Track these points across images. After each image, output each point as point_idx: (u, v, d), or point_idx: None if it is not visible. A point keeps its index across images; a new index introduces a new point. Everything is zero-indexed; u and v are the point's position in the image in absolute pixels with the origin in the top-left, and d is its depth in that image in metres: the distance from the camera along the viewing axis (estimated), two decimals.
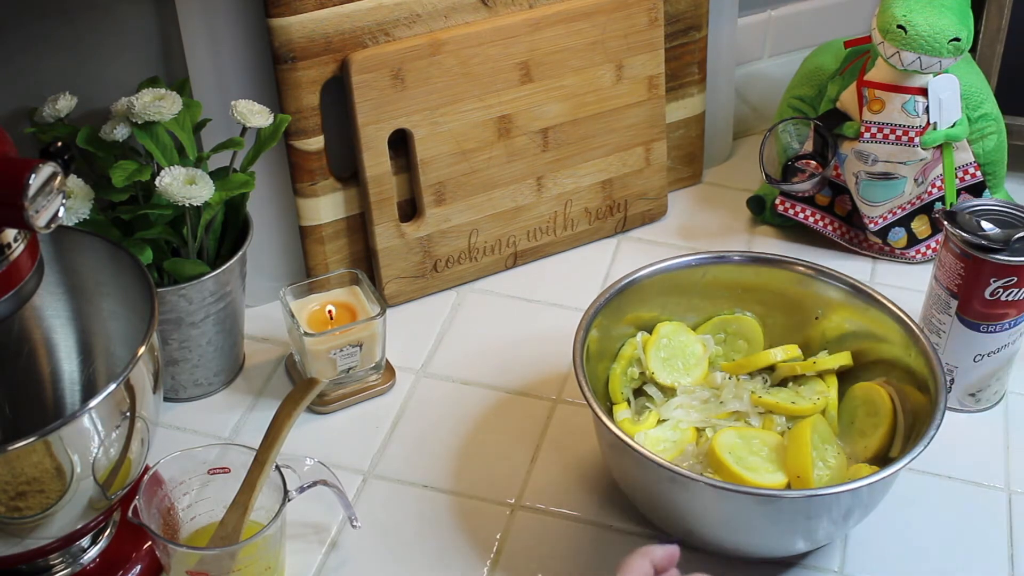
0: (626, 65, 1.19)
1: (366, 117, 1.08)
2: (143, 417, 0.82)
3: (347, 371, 1.04)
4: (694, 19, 1.24)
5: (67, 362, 0.95)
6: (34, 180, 0.69)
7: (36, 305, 0.92)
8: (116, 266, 0.88)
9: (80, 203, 0.94)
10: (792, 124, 1.22)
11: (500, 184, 1.17)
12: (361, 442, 1.03)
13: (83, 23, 1.02)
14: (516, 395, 1.08)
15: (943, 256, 1.02)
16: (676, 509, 0.89)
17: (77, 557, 0.89)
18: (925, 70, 1.11)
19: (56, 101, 0.99)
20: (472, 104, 1.13)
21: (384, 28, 1.08)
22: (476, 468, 1.01)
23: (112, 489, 0.83)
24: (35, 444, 0.74)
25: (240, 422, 1.05)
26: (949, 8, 1.09)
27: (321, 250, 1.14)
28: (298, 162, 1.09)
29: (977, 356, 1.02)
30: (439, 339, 1.14)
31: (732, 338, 1.05)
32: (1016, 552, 0.94)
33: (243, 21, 1.03)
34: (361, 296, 1.07)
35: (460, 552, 0.93)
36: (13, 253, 0.73)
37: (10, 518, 0.78)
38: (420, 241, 1.16)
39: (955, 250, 1.00)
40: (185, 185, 0.95)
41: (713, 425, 0.97)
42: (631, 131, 1.22)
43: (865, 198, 1.19)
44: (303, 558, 0.93)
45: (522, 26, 1.12)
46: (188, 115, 0.99)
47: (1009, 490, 0.99)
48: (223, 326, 1.04)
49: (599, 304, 0.98)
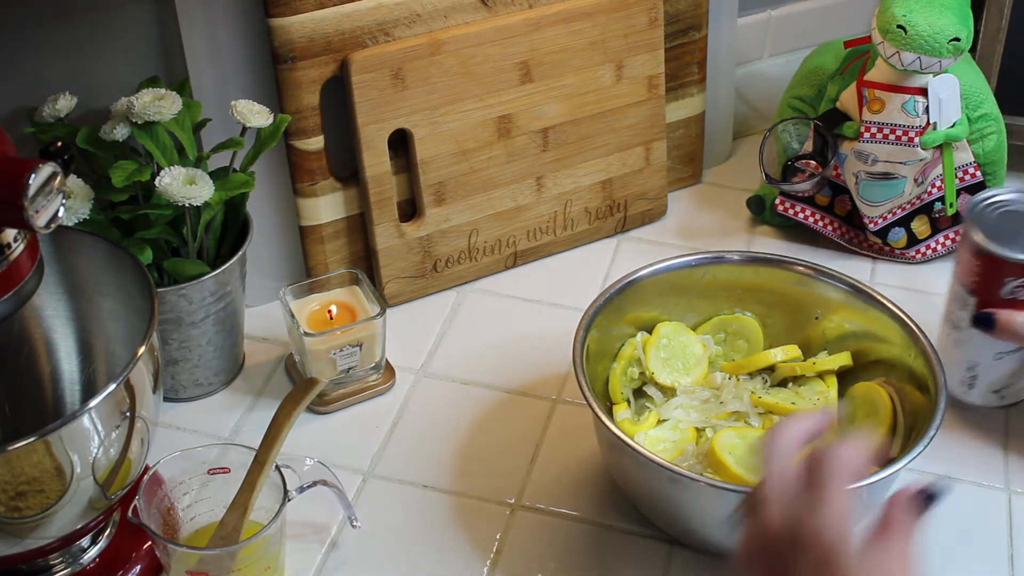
0: (626, 65, 1.19)
1: (366, 117, 1.08)
2: (143, 417, 0.82)
3: (347, 371, 1.04)
4: (694, 19, 1.24)
5: (67, 362, 0.95)
6: (34, 180, 0.69)
7: (36, 305, 0.92)
8: (116, 266, 0.88)
9: (80, 203, 0.94)
10: (792, 124, 1.22)
11: (500, 184, 1.17)
12: (361, 442, 1.03)
13: (83, 23, 1.02)
14: (516, 395, 1.08)
15: (961, 253, 0.99)
16: (676, 509, 0.89)
17: (77, 557, 0.89)
18: (925, 70, 1.11)
19: (56, 101, 0.99)
20: (472, 104, 1.13)
21: (384, 28, 1.08)
22: (476, 468, 1.01)
23: (112, 489, 0.83)
24: (35, 444, 0.74)
25: (240, 422, 1.05)
26: (949, 8, 1.09)
27: (321, 250, 1.14)
28: (298, 162, 1.09)
29: (998, 354, 1.01)
30: (439, 339, 1.14)
31: (732, 338, 1.05)
32: (1016, 552, 0.94)
33: (243, 21, 1.03)
34: (361, 296, 1.07)
35: (460, 552, 0.93)
36: (13, 253, 0.73)
37: (10, 518, 0.78)
38: (420, 241, 1.16)
39: (971, 247, 0.97)
40: (185, 185, 0.95)
41: (713, 425, 0.97)
42: (631, 131, 1.22)
43: (865, 198, 1.19)
44: (303, 558, 0.93)
45: (522, 26, 1.12)
46: (188, 115, 0.99)
47: (1009, 490, 0.99)
48: (223, 326, 1.04)
49: (599, 304, 0.98)
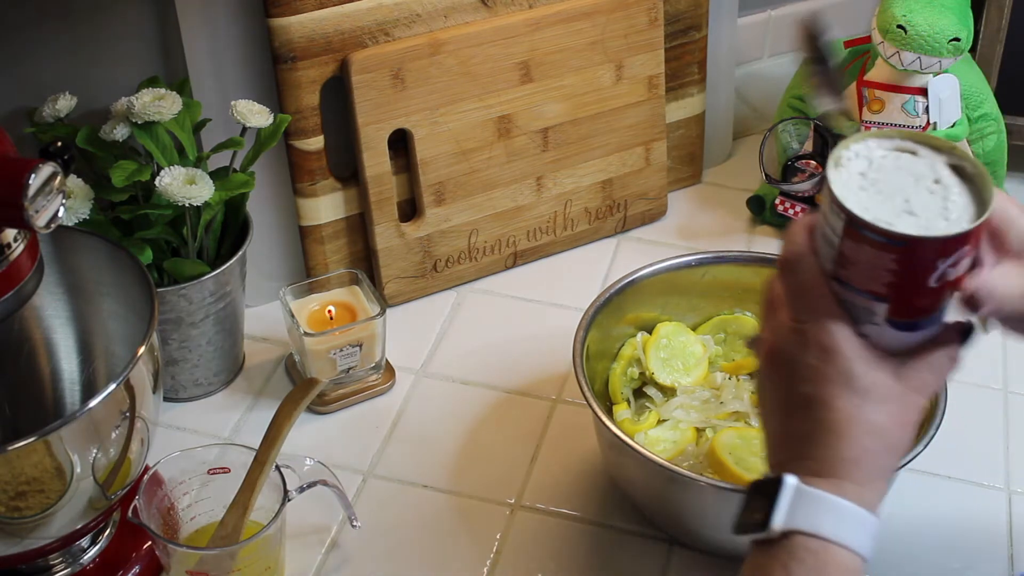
0: (626, 65, 1.19)
1: (366, 117, 1.08)
2: (143, 417, 0.82)
3: (347, 371, 1.04)
4: (694, 19, 1.24)
5: (67, 362, 0.95)
6: (34, 180, 0.69)
7: (36, 305, 0.92)
8: (116, 266, 0.88)
9: (80, 203, 0.94)
10: (792, 124, 1.22)
11: (500, 184, 1.17)
12: (361, 442, 1.03)
13: (83, 23, 1.02)
14: (516, 395, 1.08)
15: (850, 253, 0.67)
16: (676, 509, 0.89)
17: (77, 557, 0.89)
18: (925, 70, 1.11)
19: (56, 101, 0.99)
20: (472, 104, 1.13)
21: (384, 28, 1.08)
22: (476, 468, 1.01)
23: (112, 489, 0.83)
24: (35, 444, 0.74)
25: (240, 422, 1.05)
26: (949, 8, 1.09)
27: (321, 250, 1.14)
28: (298, 162, 1.09)
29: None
30: (439, 339, 1.14)
31: (732, 338, 1.05)
32: (1016, 552, 0.94)
33: (243, 21, 1.03)
34: (361, 296, 1.07)
35: (460, 552, 0.93)
36: (13, 253, 0.73)
37: (10, 518, 0.78)
38: (420, 241, 1.16)
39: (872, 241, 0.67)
40: (185, 185, 0.95)
41: (713, 425, 0.97)
42: (631, 131, 1.22)
43: None
44: (303, 558, 0.93)
45: (522, 26, 1.12)
46: (188, 115, 0.99)
47: (1009, 490, 0.99)
48: (223, 326, 1.04)
49: (599, 304, 0.98)
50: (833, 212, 0.67)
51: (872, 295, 0.68)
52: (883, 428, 0.64)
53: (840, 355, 0.65)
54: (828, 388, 0.64)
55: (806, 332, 0.65)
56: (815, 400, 0.64)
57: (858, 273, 0.67)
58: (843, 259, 0.68)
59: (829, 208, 0.68)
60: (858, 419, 0.64)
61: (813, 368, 0.65)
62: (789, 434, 0.66)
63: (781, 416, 0.66)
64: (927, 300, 0.68)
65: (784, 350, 0.66)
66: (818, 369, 0.65)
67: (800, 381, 0.65)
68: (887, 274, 0.67)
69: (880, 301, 0.68)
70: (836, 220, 0.67)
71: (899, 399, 0.65)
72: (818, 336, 0.65)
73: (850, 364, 0.65)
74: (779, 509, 0.63)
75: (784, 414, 0.66)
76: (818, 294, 0.66)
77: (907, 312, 0.69)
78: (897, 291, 0.67)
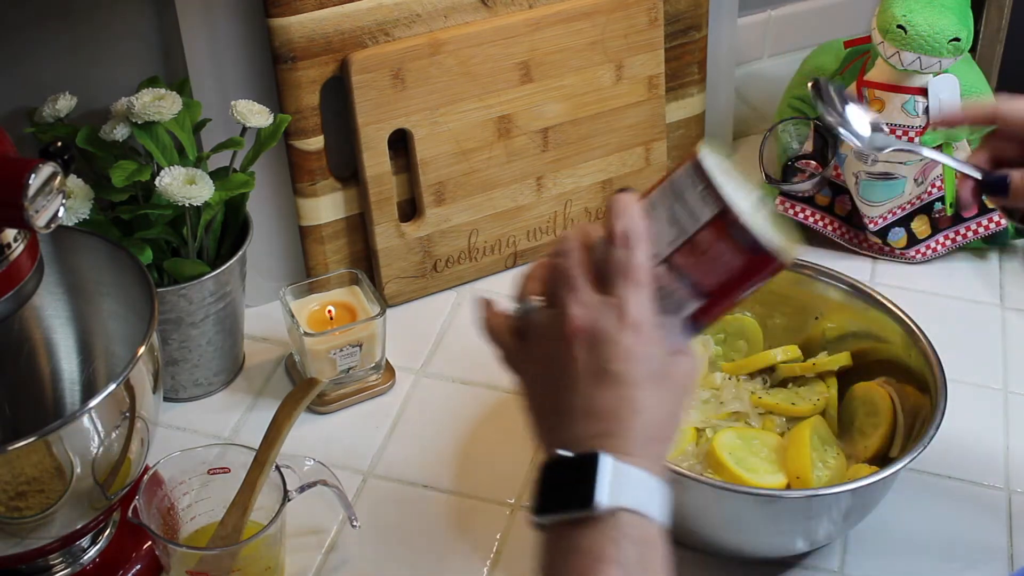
0: (626, 65, 1.19)
1: (366, 117, 1.08)
2: (143, 417, 0.82)
3: (347, 371, 1.04)
4: (694, 19, 1.24)
5: (67, 362, 0.95)
6: (34, 180, 0.69)
7: (36, 305, 0.92)
8: (116, 266, 0.88)
9: (80, 203, 0.94)
10: (792, 124, 1.21)
11: (500, 184, 1.17)
12: (361, 442, 1.03)
13: (83, 23, 1.02)
14: (516, 394, 1.08)
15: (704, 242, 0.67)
16: (676, 509, 0.89)
17: (77, 557, 0.89)
18: (925, 70, 1.11)
19: (56, 101, 0.99)
20: (472, 104, 1.13)
21: (384, 28, 1.08)
22: (476, 468, 1.00)
23: (112, 489, 0.83)
24: (35, 444, 0.74)
25: (240, 422, 1.05)
26: (949, 8, 1.09)
27: (321, 250, 1.14)
28: (298, 162, 1.09)
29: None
30: (439, 339, 1.14)
31: (732, 338, 1.05)
32: (1016, 552, 0.94)
33: (243, 21, 1.03)
34: (361, 296, 1.07)
35: (460, 552, 0.93)
36: (13, 253, 0.73)
37: (10, 518, 0.78)
38: (420, 241, 1.16)
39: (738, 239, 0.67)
40: (185, 185, 0.95)
41: (713, 425, 0.97)
42: (631, 131, 1.22)
43: (865, 198, 1.19)
44: (303, 558, 0.93)
45: (522, 26, 1.12)
46: (188, 115, 0.99)
47: (1009, 490, 0.99)
48: (223, 326, 1.04)
49: None
50: (701, 198, 0.66)
51: (698, 290, 0.67)
52: (676, 412, 0.68)
53: (652, 339, 0.66)
54: (638, 368, 0.66)
55: (626, 312, 0.66)
56: (625, 379, 0.65)
57: (699, 265, 0.67)
58: (692, 247, 0.67)
59: (694, 193, 0.67)
60: (661, 401, 0.66)
61: (627, 349, 0.65)
62: (593, 410, 0.66)
63: (585, 390, 0.67)
64: (726, 310, 0.69)
65: (600, 328, 0.66)
66: (631, 349, 0.65)
67: (613, 359, 0.66)
68: (726, 275, 0.67)
69: (700, 298, 0.67)
70: (701, 207, 0.66)
71: (685, 390, 0.69)
72: (638, 317, 0.66)
73: (658, 349, 0.66)
74: (601, 487, 0.63)
75: (590, 388, 0.67)
76: (647, 277, 0.67)
77: (709, 315, 0.69)
78: (720, 294, 0.67)
